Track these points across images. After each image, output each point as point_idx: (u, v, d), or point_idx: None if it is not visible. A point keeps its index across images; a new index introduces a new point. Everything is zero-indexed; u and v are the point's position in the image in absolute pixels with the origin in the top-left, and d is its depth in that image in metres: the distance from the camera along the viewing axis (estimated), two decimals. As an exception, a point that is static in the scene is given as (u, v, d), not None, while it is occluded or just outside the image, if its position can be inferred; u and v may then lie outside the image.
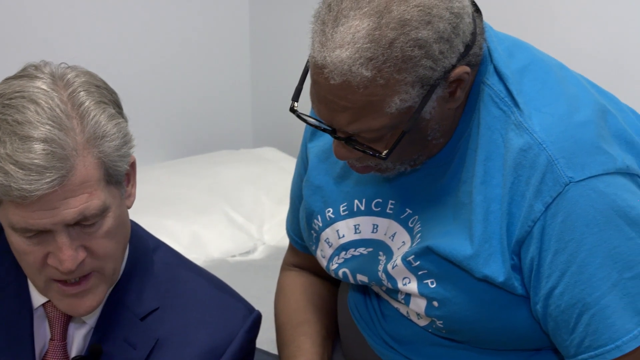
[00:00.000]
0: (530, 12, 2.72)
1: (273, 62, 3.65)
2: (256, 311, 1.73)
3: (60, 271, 1.53)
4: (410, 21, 1.49)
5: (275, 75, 3.64)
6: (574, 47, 2.61)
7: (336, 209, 1.78)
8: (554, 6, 2.66)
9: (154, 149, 3.57)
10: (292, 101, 1.62)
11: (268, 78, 3.70)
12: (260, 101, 3.75)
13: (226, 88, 3.71)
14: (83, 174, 1.49)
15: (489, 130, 1.61)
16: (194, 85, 3.64)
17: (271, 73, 3.68)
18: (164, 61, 3.55)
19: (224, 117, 3.73)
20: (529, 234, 1.57)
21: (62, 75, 1.54)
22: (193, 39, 3.60)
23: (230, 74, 3.70)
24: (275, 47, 3.63)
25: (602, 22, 2.56)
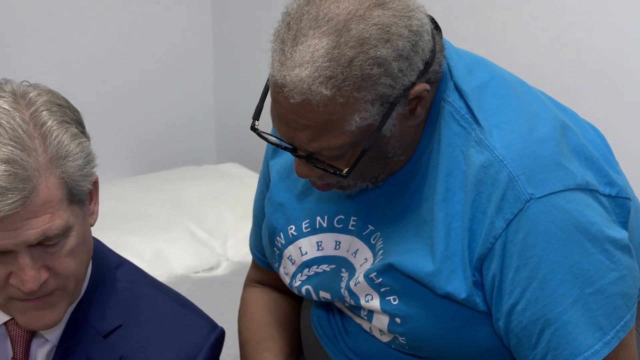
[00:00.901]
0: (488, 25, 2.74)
1: (236, 78, 3.65)
2: (220, 327, 1.73)
3: (22, 291, 1.52)
4: (369, 40, 1.50)
5: (239, 91, 3.64)
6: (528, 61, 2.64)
7: (298, 226, 1.79)
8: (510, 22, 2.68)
9: (117, 165, 3.56)
10: (253, 120, 1.63)
11: (231, 94, 3.70)
12: (223, 117, 3.75)
13: (189, 104, 3.70)
14: (46, 195, 1.48)
15: (450, 147, 1.62)
16: (157, 101, 3.63)
17: (234, 89, 3.68)
18: (126, 77, 3.54)
19: (187, 133, 3.72)
20: (490, 250, 1.58)
21: (23, 94, 1.53)
22: (155, 54, 3.59)
23: (193, 90, 3.70)
24: (238, 63, 3.63)
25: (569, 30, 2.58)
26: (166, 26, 3.58)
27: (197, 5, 3.63)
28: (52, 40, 3.37)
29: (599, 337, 1.56)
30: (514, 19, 2.67)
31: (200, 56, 3.68)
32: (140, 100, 3.59)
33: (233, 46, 3.64)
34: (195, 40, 3.66)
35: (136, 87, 3.57)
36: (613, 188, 1.64)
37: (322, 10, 1.52)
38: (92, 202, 1.61)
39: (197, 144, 3.75)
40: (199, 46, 3.67)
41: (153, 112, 3.62)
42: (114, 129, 3.53)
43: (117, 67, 3.52)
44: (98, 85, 3.47)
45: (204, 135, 3.76)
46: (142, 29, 3.54)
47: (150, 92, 3.60)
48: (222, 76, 3.71)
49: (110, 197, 2.95)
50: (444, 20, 1.72)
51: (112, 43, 3.49)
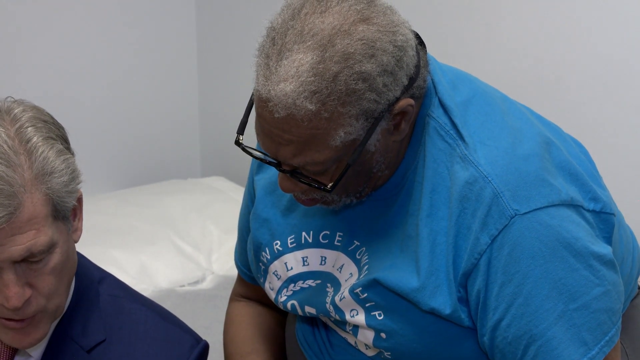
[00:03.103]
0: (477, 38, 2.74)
1: (221, 91, 3.66)
2: (203, 341, 1.72)
3: (6, 308, 1.52)
4: (354, 55, 1.50)
5: (224, 105, 3.64)
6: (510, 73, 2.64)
7: (284, 241, 1.78)
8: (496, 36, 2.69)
9: (102, 178, 3.56)
10: (237, 134, 1.62)
11: (216, 107, 3.70)
12: (208, 130, 3.75)
13: (174, 117, 3.70)
14: (31, 211, 1.48)
15: (435, 162, 1.62)
16: (142, 114, 3.63)
17: (219, 103, 3.68)
18: (109, 91, 3.54)
19: (172, 147, 3.72)
20: (475, 266, 1.58)
21: (8, 110, 1.53)
22: (140, 68, 3.59)
23: (178, 104, 3.70)
24: (223, 76, 3.63)
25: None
26: (150, 40, 3.59)
27: (181, 20, 3.63)
28: (35, 55, 3.36)
29: (584, 353, 1.56)
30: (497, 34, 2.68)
31: (185, 70, 3.68)
32: (125, 113, 3.59)
33: (217, 60, 3.65)
34: (179, 54, 3.66)
35: (120, 100, 3.57)
36: (597, 204, 1.64)
37: (307, 25, 1.52)
38: (76, 219, 1.61)
39: (182, 157, 3.75)
40: (184, 59, 3.67)
41: (137, 125, 3.62)
42: (98, 142, 3.53)
43: (100, 80, 3.52)
44: (82, 99, 3.47)
45: (189, 148, 3.76)
46: (126, 43, 3.54)
47: (134, 105, 3.60)
48: (207, 90, 3.71)
49: (95, 210, 2.95)
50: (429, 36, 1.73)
51: (96, 57, 3.49)
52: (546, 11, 2.57)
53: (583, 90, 2.52)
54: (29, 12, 3.34)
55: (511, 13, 2.64)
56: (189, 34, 3.65)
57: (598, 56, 2.48)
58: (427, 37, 1.69)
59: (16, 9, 3.31)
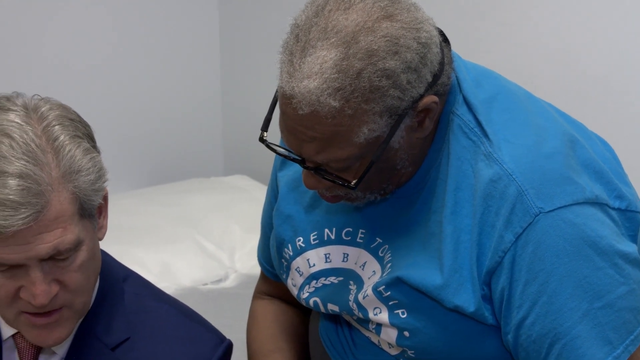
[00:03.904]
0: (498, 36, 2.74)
1: (244, 90, 3.66)
2: (227, 340, 1.72)
3: (32, 305, 1.52)
4: (378, 51, 1.49)
5: (247, 103, 3.65)
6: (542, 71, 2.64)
7: (306, 238, 1.78)
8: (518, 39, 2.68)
9: (125, 177, 3.57)
10: (262, 131, 1.63)
11: (239, 106, 3.71)
12: (231, 129, 3.75)
13: (197, 116, 3.71)
14: (58, 209, 1.48)
15: (459, 160, 1.61)
16: (165, 113, 3.64)
17: (242, 101, 3.68)
18: (133, 90, 3.55)
19: (195, 145, 3.73)
20: (499, 264, 1.57)
21: (35, 108, 1.53)
22: (163, 65, 3.60)
23: (201, 102, 3.71)
24: (246, 75, 3.64)
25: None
26: (174, 38, 3.60)
27: (204, 18, 3.64)
28: (60, 53, 3.38)
29: (609, 352, 1.56)
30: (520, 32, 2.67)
31: (208, 68, 3.69)
32: (148, 112, 3.60)
33: (240, 58, 3.65)
34: (202, 52, 3.67)
35: (144, 99, 3.58)
36: (622, 201, 1.63)
37: (330, 22, 1.52)
38: (101, 216, 1.61)
39: (204, 156, 3.76)
40: (206, 58, 3.68)
41: (161, 124, 3.63)
42: (122, 141, 3.54)
43: (124, 79, 3.53)
44: (106, 98, 3.48)
45: (212, 147, 3.77)
46: (149, 41, 3.55)
47: (158, 104, 3.61)
48: (230, 88, 3.72)
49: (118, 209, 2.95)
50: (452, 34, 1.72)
51: (120, 56, 3.50)
52: (566, 8, 2.56)
53: (607, 87, 2.51)
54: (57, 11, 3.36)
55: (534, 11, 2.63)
56: (211, 32, 3.66)
57: (620, 53, 2.47)
58: (450, 34, 1.68)
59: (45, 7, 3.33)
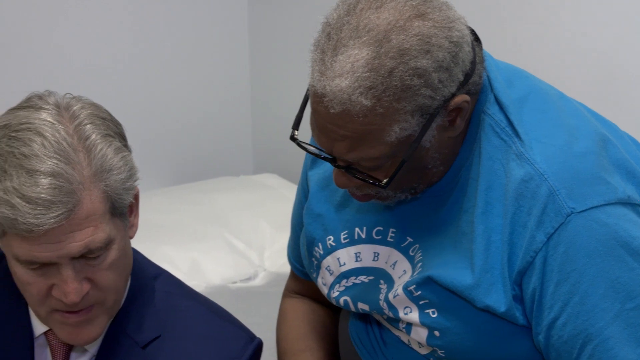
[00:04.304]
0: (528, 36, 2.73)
1: (273, 88, 3.66)
2: (257, 339, 1.72)
3: (64, 303, 1.53)
4: (410, 50, 1.49)
5: (276, 102, 3.65)
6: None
7: (337, 236, 1.78)
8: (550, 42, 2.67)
9: (155, 175, 3.58)
10: (293, 129, 1.63)
11: (268, 105, 3.71)
12: (260, 128, 3.76)
13: (226, 114, 3.72)
14: (89, 208, 1.49)
15: (490, 160, 1.61)
16: (194, 111, 3.65)
17: (271, 99, 3.69)
18: (163, 87, 3.56)
19: (224, 144, 3.74)
20: (530, 264, 1.57)
21: (67, 107, 1.54)
22: (193, 64, 3.61)
23: (230, 101, 3.71)
24: (275, 73, 3.64)
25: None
26: (204, 37, 3.60)
27: (234, 17, 3.65)
28: (91, 52, 3.39)
29: None
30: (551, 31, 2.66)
31: (237, 67, 3.70)
32: (178, 111, 3.61)
33: (270, 56, 3.66)
34: (232, 51, 3.67)
35: (174, 98, 3.59)
36: None
37: (362, 20, 1.51)
38: (132, 215, 1.62)
39: (234, 154, 3.76)
40: (236, 57, 3.69)
41: (191, 122, 3.64)
42: (151, 139, 3.55)
43: (154, 78, 3.54)
44: (135, 96, 3.49)
45: (241, 146, 3.77)
46: (181, 41, 3.56)
47: (188, 103, 3.62)
48: (259, 87, 3.72)
49: (148, 207, 2.96)
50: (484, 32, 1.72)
51: (151, 56, 3.52)
52: (598, 7, 2.55)
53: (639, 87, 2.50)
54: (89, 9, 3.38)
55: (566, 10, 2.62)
56: (241, 30, 3.67)
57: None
58: (482, 33, 1.68)
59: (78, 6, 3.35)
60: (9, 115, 1.54)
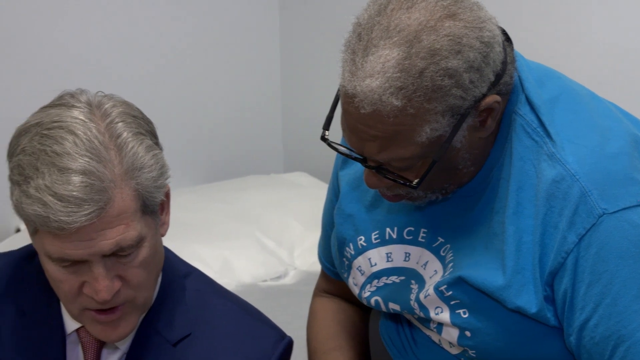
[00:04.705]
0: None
1: (304, 87, 3.67)
2: (288, 337, 1.72)
3: (95, 300, 1.54)
4: (440, 50, 1.49)
5: (306, 101, 3.65)
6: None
7: (368, 237, 1.78)
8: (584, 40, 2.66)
9: (185, 173, 3.59)
10: (323, 130, 1.63)
11: (298, 103, 3.72)
12: (291, 126, 3.76)
13: (257, 113, 3.72)
14: (120, 206, 1.49)
15: (521, 160, 1.61)
16: (225, 110, 3.65)
17: (302, 98, 3.69)
18: (194, 86, 3.57)
19: (255, 142, 3.74)
20: (562, 265, 1.57)
21: (99, 105, 1.54)
22: (224, 63, 3.62)
23: (261, 99, 3.72)
24: (305, 72, 3.65)
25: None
26: (234, 36, 3.61)
27: (264, 15, 3.65)
28: (121, 51, 3.41)
29: None
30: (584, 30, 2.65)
31: (268, 66, 3.70)
32: (209, 109, 3.62)
33: (300, 56, 3.66)
34: (262, 50, 3.68)
35: (204, 96, 3.60)
36: None
37: (393, 20, 1.51)
38: (163, 213, 1.62)
39: (264, 152, 3.77)
40: (267, 56, 3.69)
41: (222, 121, 3.65)
42: (183, 138, 3.56)
43: (185, 77, 3.55)
44: (167, 95, 3.51)
45: (272, 144, 3.78)
46: (210, 39, 3.57)
47: (218, 101, 3.63)
48: (289, 86, 3.73)
49: (179, 205, 2.97)
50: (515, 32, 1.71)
51: (182, 55, 3.53)
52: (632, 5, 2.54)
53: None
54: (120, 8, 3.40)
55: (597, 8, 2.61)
56: (272, 29, 3.67)
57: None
58: (513, 33, 1.68)
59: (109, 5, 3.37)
60: (41, 113, 1.55)
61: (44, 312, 1.67)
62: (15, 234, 3.19)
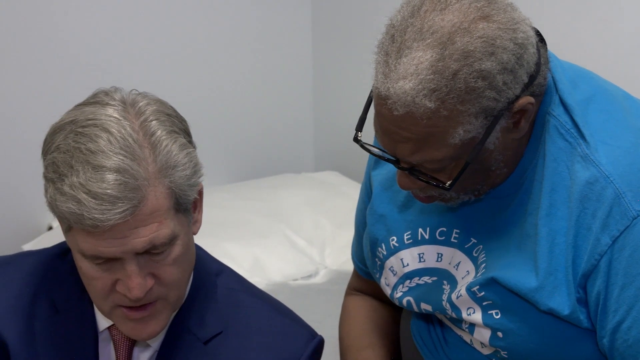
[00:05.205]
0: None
1: (335, 86, 3.67)
2: (319, 336, 1.72)
3: (128, 298, 1.54)
4: (474, 52, 1.49)
5: (337, 100, 3.65)
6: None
7: (400, 237, 1.79)
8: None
9: (216, 172, 3.59)
10: (356, 131, 1.63)
11: (330, 102, 3.71)
12: (322, 125, 3.76)
13: (289, 111, 3.72)
14: (154, 204, 1.50)
15: (555, 161, 1.60)
16: (257, 108, 3.66)
17: (333, 97, 3.69)
18: (226, 85, 3.58)
19: (286, 141, 3.74)
20: (595, 267, 1.56)
21: (133, 103, 1.54)
22: (257, 63, 3.62)
23: (293, 99, 3.72)
24: (337, 72, 3.64)
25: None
26: (267, 37, 3.61)
27: (297, 15, 3.65)
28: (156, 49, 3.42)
29: None
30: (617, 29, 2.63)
31: (300, 66, 3.70)
32: (240, 108, 3.63)
33: (332, 55, 3.66)
34: (295, 51, 3.68)
35: (236, 94, 3.61)
36: None
37: (426, 22, 1.51)
38: (196, 211, 1.62)
39: (295, 152, 3.77)
40: (299, 56, 3.69)
41: (252, 119, 3.65)
42: (214, 136, 3.57)
43: (218, 76, 3.56)
44: (199, 94, 3.51)
45: (303, 143, 3.78)
46: (244, 40, 3.58)
47: (250, 100, 3.63)
48: (321, 85, 3.73)
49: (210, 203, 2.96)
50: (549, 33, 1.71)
51: (215, 54, 3.53)
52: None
53: None
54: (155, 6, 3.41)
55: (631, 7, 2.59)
56: (304, 29, 3.67)
57: None
58: (547, 34, 1.67)
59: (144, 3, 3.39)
60: (75, 111, 1.55)
61: (77, 309, 1.68)
62: (47, 232, 3.21)
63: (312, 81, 3.73)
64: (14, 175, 3.21)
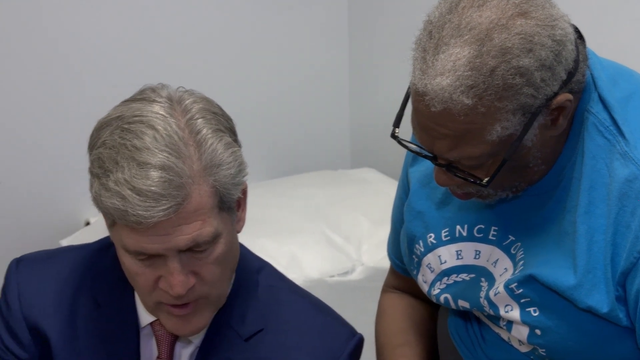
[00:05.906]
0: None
1: (371, 83, 3.67)
2: (358, 334, 1.72)
3: (170, 295, 1.55)
4: (512, 49, 1.48)
5: (374, 96, 3.65)
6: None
7: (438, 234, 1.78)
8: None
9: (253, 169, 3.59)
10: (393, 127, 1.63)
11: (367, 99, 3.71)
12: (358, 122, 3.76)
13: (325, 108, 3.73)
14: (198, 202, 1.50)
15: (594, 159, 1.59)
16: (294, 105, 3.66)
17: (370, 94, 3.69)
18: (265, 85, 3.59)
19: (323, 138, 3.75)
20: (634, 265, 1.55)
21: (179, 100, 1.54)
22: (294, 60, 3.63)
23: (329, 95, 3.73)
24: (373, 68, 3.64)
25: None
26: (305, 34, 3.62)
27: (334, 13, 3.66)
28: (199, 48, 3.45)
29: None
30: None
31: (337, 62, 3.71)
32: (278, 105, 3.64)
33: (368, 52, 3.66)
34: (331, 48, 3.68)
35: (274, 92, 3.62)
36: None
37: (464, 19, 1.51)
38: (240, 210, 1.62)
39: (332, 148, 3.77)
40: (336, 53, 3.70)
41: (289, 117, 3.66)
42: (252, 133, 3.58)
43: (256, 76, 3.57)
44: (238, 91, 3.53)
45: (339, 140, 3.78)
46: (282, 39, 3.59)
47: (288, 98, 3.64)
48: (358, 81, 3.73)
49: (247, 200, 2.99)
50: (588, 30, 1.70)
51: (254, 54, 3.55)
52: None
53: None
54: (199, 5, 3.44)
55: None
56: (341, 26, 3.67)
57: None
58: (586, 31, 1.66)
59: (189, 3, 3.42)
60: (122, 107, 1.56)
61: (119, 304, 1.69)
62: (85, 227, 3.23)
63: (349, 78, 3.73)
64: (53, 171, 3.23)
